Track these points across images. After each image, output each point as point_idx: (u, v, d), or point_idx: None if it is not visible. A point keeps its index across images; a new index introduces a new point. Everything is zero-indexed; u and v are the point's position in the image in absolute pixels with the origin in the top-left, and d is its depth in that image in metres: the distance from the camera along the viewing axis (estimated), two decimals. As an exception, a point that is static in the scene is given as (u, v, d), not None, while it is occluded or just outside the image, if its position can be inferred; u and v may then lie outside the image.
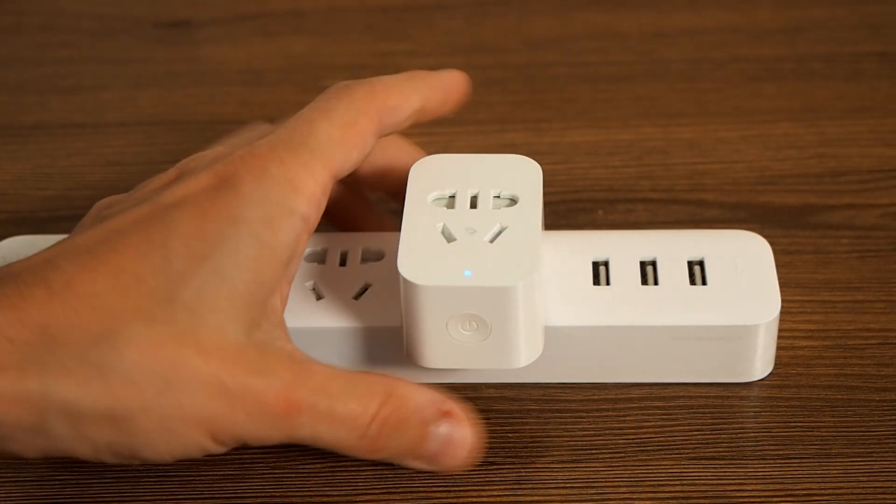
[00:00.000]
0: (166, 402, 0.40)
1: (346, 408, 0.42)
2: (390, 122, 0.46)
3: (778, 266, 0.49)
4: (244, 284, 0.42)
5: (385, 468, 0.45)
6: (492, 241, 0.44)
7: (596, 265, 0.49)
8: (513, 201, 0.46)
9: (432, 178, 0.46)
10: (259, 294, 0.42)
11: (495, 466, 0.45)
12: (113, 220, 0.43)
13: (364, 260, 0.50)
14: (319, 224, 0.51)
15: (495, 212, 0.45)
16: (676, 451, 0.46)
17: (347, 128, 0.45)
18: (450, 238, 0.44)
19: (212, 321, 0.41)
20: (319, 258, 0.50)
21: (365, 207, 0.53)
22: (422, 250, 0.44)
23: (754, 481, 0.45)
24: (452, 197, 0.46)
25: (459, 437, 0.43)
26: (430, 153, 0.53)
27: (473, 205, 0.46)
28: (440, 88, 0.48)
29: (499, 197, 0.46)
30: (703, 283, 0.48)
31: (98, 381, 0.40)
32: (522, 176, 0.46)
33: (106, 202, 0.45)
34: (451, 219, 0.45)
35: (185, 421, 0.41)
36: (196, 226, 0.41)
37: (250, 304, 0.42)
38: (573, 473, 0.45)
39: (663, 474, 0.45)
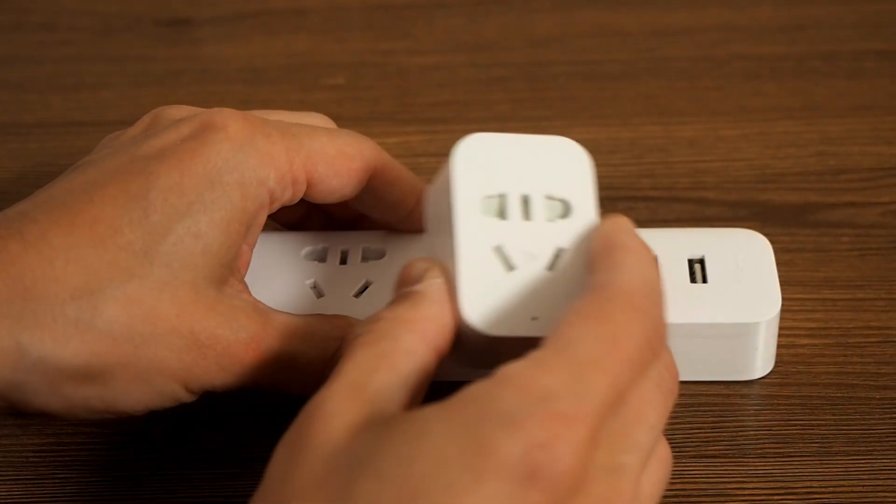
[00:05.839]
0: (143, 356, 0.41)
1: (305, 357, 0.43)
2: (377, 186, 0.46)
3: (778, 264, 0.49)
4: (217, 244, 0.42)
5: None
6: (550, 267, 0.41)
7: (597, 263, 0.49)
8: (565, 206, 0.42)
9: (479, 169, 0.42)
10: (229, 254, 0.43)
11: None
12: (88, 171, 0.42)
13: (365, 258, 0.50)
14: (318, 224, 0.51)
15: (550, 226, 0.41)
16: (677, 450, 0.46)
17: (342, 157, 0.45)
18: (509, 265, 0.41)
19: (186, 277, 0.41)
20: (320, 256, 0.50)
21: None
22: (484, 285, 0.40)
23: (755, 479, 0.45)
24: (502, 197, 0.42)
25: None
26: (428, 154, 0.53)
27: (525, 211, 0.42)
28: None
29: (550, 198, 0.42)
30: (704, 280, 0.48)
31: (76, 337, 0.40)
32: (572, 169, 0.42)
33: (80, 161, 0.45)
34: (506, 235, 0.41)
35: (160, 373, 0.41)
36: (175, 180, 0.42)
37: (221, 263, 0.42)
38: (574, 471, 0.45)
39: (664, 472, 0.45)
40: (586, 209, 0.42)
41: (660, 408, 0.38)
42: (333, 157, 0.45)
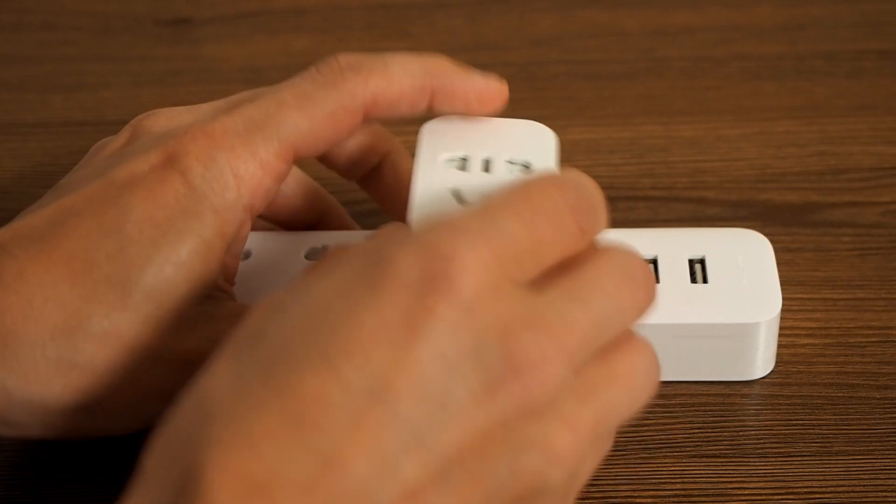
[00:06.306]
0: (129, 386, 0.41)
1: None
2: (379, 115, 0.45)
3: (779, 264, 0.49)
4: (199, 269, 0.42)
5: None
6: None
7: (597, 263, 0.49)
8: (526, 167, 0.43)
9: (444, 139, 0.44)
10: (212, 276, 0.42)
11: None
12: (66, 197, 0.42)
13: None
14: (320, 223, 0.51)
15: (509, 178, 0.42)
16: (678, 450, 0.46)
17: (320, 119, 0.43)
18: (462, 201, 0.42)
19: (169, 305, 0.41)
20: (320, 256, 0.50)
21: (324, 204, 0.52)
22: (433, 211, 0.41)
23: (756, 479, 0.45)
24: (464, 159, 0.43)
25: None
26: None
27: (486, 169, 0.43)
28: (462, 93, 0.45)
29: (511, 162, 0.43)
30: (705, 280, 0.48)
31: (59, 377, 0.40)
32: (536, 142, 0.44)
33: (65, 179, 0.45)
34: (463, 181, 0.42)
35: (149, 397, 0.41)
36: (148, 212, 0.41)
37: (203, 284, 0.42)
38: (574, 471, 0.45)
39: (664, 472, 0.45)
40: (546, 168, 0.43)
41: (622, 286, 0.36)
42: (309, 128, 0.43)
